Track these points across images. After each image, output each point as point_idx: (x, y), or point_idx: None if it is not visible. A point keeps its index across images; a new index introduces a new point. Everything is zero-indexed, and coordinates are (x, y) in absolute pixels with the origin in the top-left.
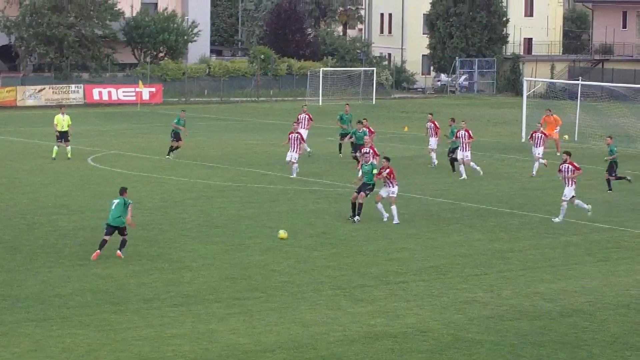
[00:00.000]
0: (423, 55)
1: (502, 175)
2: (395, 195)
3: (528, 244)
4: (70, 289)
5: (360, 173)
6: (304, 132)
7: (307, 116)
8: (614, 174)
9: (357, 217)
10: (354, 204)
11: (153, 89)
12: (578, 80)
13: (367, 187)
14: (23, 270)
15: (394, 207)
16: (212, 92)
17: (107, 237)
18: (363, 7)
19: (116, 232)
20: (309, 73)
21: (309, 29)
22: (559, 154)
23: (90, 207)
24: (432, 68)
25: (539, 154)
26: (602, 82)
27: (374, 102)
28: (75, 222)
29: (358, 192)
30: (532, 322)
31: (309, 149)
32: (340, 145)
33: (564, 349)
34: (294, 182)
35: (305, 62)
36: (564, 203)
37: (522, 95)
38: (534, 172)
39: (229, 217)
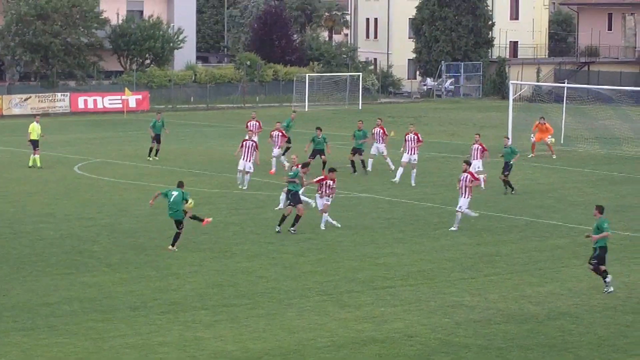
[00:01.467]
0: (409, 60)
1: (488, 178)
2: (328, 203)
3: (515, 248)
4: (57, 297)
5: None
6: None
7: (257, 123)
8: (506, 173)
9: (292, 229)
10: (293, 217)
11: (139, 97)
12: (564, 83)
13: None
14: (9, 279)
15: (325, 215)
16: (199, 99)
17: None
18: (348, 12)
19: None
20: (295, 79)
21: (295, 35)
22: (554, 157)
23: (76, 216)
24: (418, 72)
25: (478, 167)
26: (588, 84)
27: (360, 107)
28: (62, 230)
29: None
30: (520, 326)
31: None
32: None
33: (551, 352)
34: (281, 189)
35: (292, 67)
36: (459, 213)
37: (508, 98)
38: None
39: (216, 224)
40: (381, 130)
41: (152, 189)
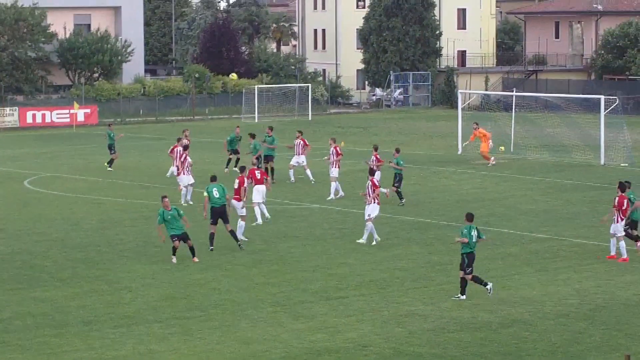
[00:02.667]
0: (358, 70)
1: (438, 188)
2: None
3: None
4: (9, 313)
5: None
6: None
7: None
8: (397, 185)
9: (240, 244)
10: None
11: (88, 110)
12: (512, 91)
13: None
14: None
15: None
16: (148, 112)
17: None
18: (296, 23)
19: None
20: (244, 90)
21: (243, 47)
22: (492, 163)
23: (27, 231)
24: (366, 83)
25: (333, 174)
26: (536, 92)
27: (310, 118)
28: (12, 246)
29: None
30: (473, 334)
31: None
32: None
33: (505, 359)
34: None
35: (240, 79)
36: (369, 223)
37: (457, 107)
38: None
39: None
40: (302, 142)
41: (103, 202)
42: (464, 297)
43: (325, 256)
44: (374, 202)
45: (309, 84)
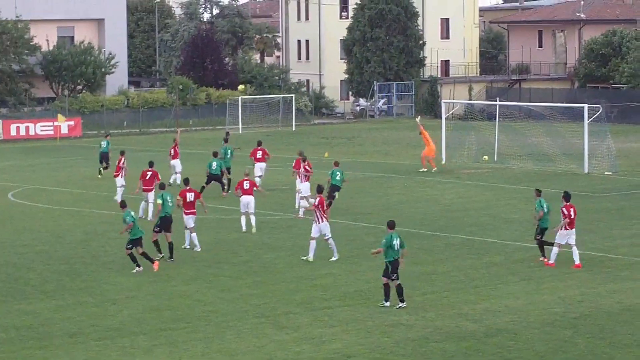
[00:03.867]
0: (341, 81)
1: (423, 197)
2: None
3: (451, 266)
4: None
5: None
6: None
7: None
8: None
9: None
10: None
11: (72, 122)
12: (496, 100)
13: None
14: None
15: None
16: (131, 124)
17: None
18: (280, 34)
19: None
20: (228, 102)
21: (227, 58)
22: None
23: (12, 243)
24: (350, 93)
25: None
26: (520, 101)
27: (294, 129)
28: None
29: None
30: (458, 343)
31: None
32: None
33: None
34: (216, 212)
35: (224, 90)
36: (330, 241)
37: (441, 117)
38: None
39: (151, 248)
40: (261, 152)
41: (87, 214)
42: (388, 303)
43: (310, 267)
44: (324, 221)
45: (293, 95)
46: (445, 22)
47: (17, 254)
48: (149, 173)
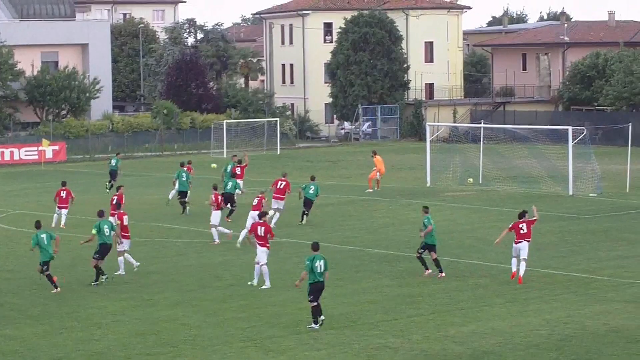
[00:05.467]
0: (326, 104)
1: (408, 220)
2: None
3: (437, 288)
4: None
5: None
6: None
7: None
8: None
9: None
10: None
11: (56, 147)
12: (480, 123)
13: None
14: None
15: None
16: (116, 148)
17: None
18: (264, 58)
19: None
20: (212, 126)
21: (211, 82)
22: (374, 190)
23: None
24: (335, 116)
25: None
26: (504, 124)
27: (278, 152)
28: None
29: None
30: None
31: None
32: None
33: None
34: (201, 236)
35: (209, 115)
36: (259, 266)
37: (425, 140)
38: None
39: (136, 273)
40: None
41: (72, 239)
42: (317, 326)
43: (295, 290)
44: (264, 247)
45: (278, 119)
46: (429, 46)
47: (3, 279)
48: (63, 192)
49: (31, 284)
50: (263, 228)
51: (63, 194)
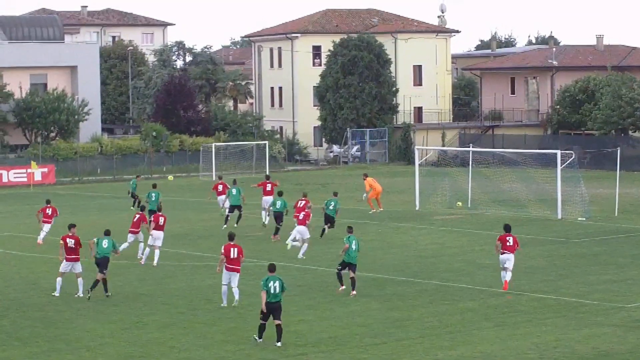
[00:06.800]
0: (315, 127)
1: (397, 243)
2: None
3: (425, 311)
4: None
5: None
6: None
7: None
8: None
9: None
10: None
11: (45, 170)
12: (469, 147)
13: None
14: None
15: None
16: (105, 171)
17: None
18: (253, 81)
19: None
20: (201, 148)
21: (200, 105)
22: (380, 210)
23: None
24: (324, 139)
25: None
26: (493, 148)
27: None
28: None
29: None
30: None
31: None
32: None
33: None
34: (190, 258)
35: (198, 137)
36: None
37: (414, 163)
38: None
39: (126, 295)
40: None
41: (55, 260)
42: (260, 340)
43: (284, 313)
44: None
45: (266, 142)
46: (417, 69)
47: None
48: (49, 209)
49: (19, 306)
50: (236, 249)
51: (48, 211)
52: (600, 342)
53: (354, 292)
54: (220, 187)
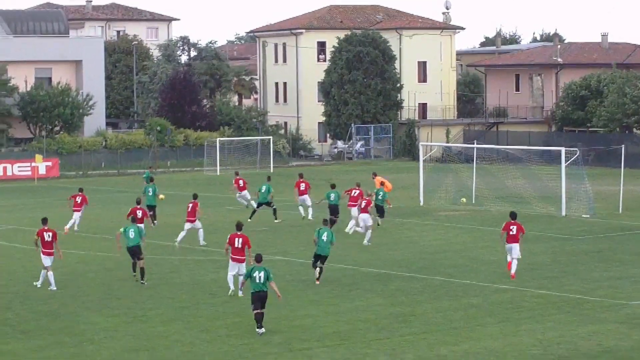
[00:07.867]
0: (319, 123)
1: (401, 239)
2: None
3: (429, 307)
4: None
5: None
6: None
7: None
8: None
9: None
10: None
11: (49, 163)
12: (473, 143)
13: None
14: None
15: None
16: (109, 165)
17: None
18: (257, 77)
19: None
20: (206, 143)
21: (205, 100)
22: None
23: None
24: (328, 135)
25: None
26: (497, 144)
27: (272, 171)
28: None
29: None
30: None
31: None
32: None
33: None
34: (194, 252)
35: (202, 132)
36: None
37: (418, 159)
38: None
39: (129, 289)
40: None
41: (64, 255)
42: (261, 330)
43: (288, 308)
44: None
45: (271, 137)
46: (422, 65)
47: None
48: (79, 197)
49: (23, 299)
50: (241, 239)
51: (78, 200)
52: (604, 339)
53: (318, 282)
54: (241, 182)
